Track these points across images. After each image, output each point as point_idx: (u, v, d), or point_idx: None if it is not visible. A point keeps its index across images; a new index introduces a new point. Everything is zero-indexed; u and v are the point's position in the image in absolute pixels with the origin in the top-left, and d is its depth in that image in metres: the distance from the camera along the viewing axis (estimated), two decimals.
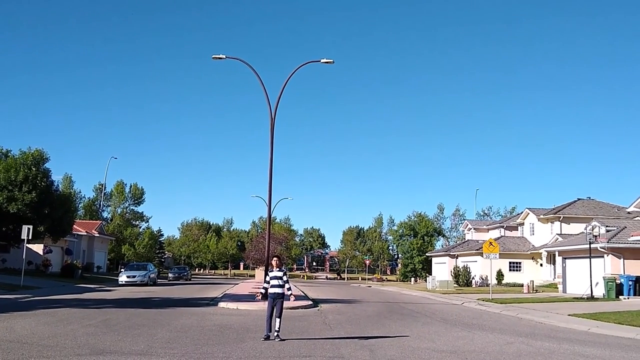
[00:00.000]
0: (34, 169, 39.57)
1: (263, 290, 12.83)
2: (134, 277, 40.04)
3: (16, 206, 37.64)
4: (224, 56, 26.49)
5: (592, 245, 32.39)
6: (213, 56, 26.40)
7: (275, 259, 13.28)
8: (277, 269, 12.93)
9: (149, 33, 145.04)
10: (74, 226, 50.91)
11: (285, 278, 12.90)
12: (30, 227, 30.52)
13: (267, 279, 12.92)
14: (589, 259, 32.20)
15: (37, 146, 42.13)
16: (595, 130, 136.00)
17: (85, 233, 57.92)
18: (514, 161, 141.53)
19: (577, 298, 30.91)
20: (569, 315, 20.78)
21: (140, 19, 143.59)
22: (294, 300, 12.84)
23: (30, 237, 30.25)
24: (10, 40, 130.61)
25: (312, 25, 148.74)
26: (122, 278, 40.16)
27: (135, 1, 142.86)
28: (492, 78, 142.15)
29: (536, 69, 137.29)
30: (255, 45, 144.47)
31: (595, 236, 33.19)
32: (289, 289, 12.85)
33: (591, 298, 30.33)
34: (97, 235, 61.43)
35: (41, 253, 45.34)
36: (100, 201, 79.23)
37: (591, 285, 31.67)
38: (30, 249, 39.72)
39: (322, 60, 26.81)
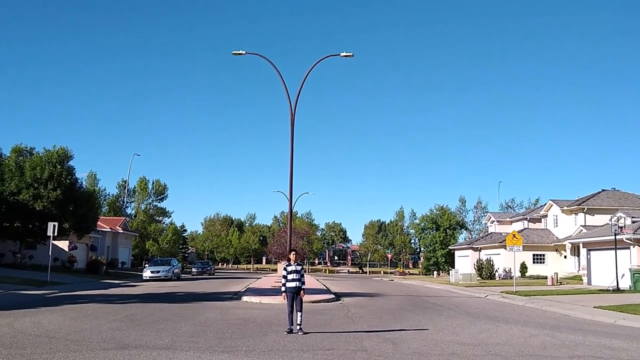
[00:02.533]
0: (58, 166, 40.05)
1: (283, 288, 12.79)
2: (158, 272, 40.41)
3: (42, 203, 38.17)
4: (244, 52, 26.55)
5: (618, 237, 31.91)
6: (233, 52, 26.45)
7: (293, 253, 13.31)
8: (295, 264, 12.98)
9: (168, 30, 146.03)
10: (99, 223, 51.48)
11: (302, 272, 12.97)
12: (56, 224, 30.96)
13: (285, 273, 12.89)
14: (614, 251, 31.75)
15: (62, 144, 42.66)
16: (620, 119, 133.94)
17: (110, 229, 58.54)
18: (537, 153, 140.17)
19: (602, 290, 30.51)
20: (594, 307, 20.54)
21: (160, 16, 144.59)
22: (304, 295, 12.88)
23: (55, 234, 30.68)
24: (33, 39, 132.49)
25: (330, 19, 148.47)
26: (146, 273, 40.56)
27: (153, 2, 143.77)
28: (514, 70, 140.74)
29: (557, 61, 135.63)
30: (274, 40, 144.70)
31: (621, 227, 32.71)
32: (303, 282, 12.91)
33: (617, 290, 29.92)
34: (121, 231, 62.06)
35: (66, 249, 45.97)
36: (124, 198, 80.00)
37: (617, 277, 31.23)
38: (56, 245, 40.24)
39: (342, 54, 26.69)
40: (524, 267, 49.85)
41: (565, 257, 50.71)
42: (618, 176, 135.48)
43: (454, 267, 56.59)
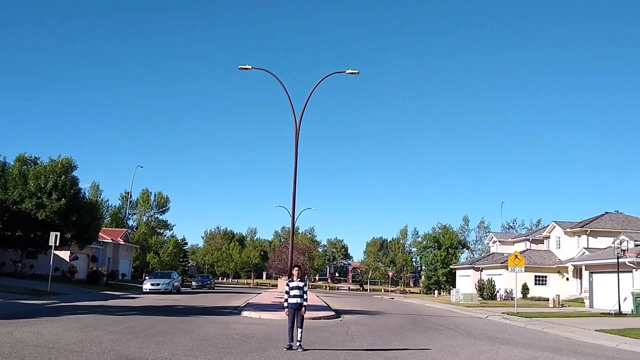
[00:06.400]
0: (62, 176, 40.18)
1: (285, 304, 12.73)
2: (158, 285, 40.29)
3: (44, 213, 38.23)
4: (250, 67, 26.68)
5: (620, 260, 31.81)
6: (239, 67, 26.61)
7: (296, 268, 13.21)
8: (298, 279, 12.90)
9: (174, 42, 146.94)
10: (100, 234, 51.52)
11: (305, 289, 12.89)
12: (58, 233, 30.97)
13: (287, 289, 12.83)
14: (617, 274, 31.62)
15: (66, 154, 42.78)
16: (624, 141, 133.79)
17: (111, 241, 58.55)
18: (540, 173, 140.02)
19: (604, 313, 30.35)
20: (596, 330, 20.42)
21: (166, 28, 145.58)
22: (305, 312, 12.79)
23: (57, 244, 30.67)
24: (39, 52, 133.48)
25: (336, 36, 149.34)
26: (147, 286, 40.44)
27: (161, 16, 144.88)
28: (518, 87, 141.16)
29: (562, 78, 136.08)
30: (280, 55, 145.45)
31: (624, 250, 32.59)
32: (306, 299, 12.82)
33: (619, 314, 29.75)
34: (123, 243, 62.04)
35: (67, 260, 45.96)
36: (126, 209, 80.00)
37: (619, 300, 31.07)
38: (57, 255, 40.24)
39: (347, 71, 26.84)
40: (525, 288, 49.59)
41: (567, 279, 50.47)
42: (621, 199, 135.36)
43: (455, 287, 56.33)
